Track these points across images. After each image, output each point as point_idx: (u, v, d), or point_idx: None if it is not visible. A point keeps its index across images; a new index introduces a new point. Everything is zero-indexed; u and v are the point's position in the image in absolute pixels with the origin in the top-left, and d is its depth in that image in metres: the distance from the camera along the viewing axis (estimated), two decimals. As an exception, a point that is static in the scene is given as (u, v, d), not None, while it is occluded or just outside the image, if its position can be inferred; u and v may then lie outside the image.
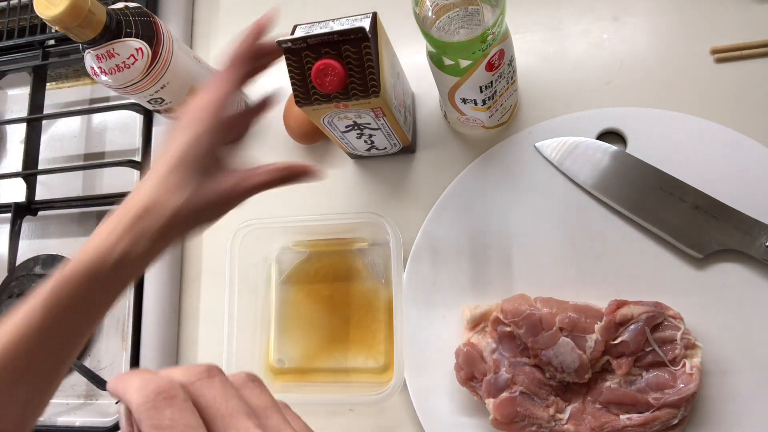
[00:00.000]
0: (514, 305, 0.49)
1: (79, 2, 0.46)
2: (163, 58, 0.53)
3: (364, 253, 0.59)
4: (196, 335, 0.63)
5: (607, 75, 0.57)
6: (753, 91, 0.53)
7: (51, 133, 0.75)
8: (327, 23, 0.47)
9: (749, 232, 0.48)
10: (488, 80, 0.47)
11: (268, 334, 0.60)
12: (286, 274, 0.61)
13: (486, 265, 0.54)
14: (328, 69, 0.44)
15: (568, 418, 0.48)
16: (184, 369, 0.25)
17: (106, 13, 0.49)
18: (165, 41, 0.53)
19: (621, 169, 0.52)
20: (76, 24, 0.46)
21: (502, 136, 0.57)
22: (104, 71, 0.51)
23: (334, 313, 0.59)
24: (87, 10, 0.46)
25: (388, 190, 0.60)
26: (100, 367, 0.66)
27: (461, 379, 0.50)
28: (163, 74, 0.53)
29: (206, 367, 0.26)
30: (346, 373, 0.58)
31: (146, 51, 0.51)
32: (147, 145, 0.67)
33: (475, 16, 0.44)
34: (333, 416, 0.57)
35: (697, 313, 0.49)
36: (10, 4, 0.76)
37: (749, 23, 0.54)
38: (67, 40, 0.72)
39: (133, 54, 0.51)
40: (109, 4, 0.51)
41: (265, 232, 0.58)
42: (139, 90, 0.54)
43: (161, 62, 0.53)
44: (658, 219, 0.51)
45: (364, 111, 0.48)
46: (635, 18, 0.58)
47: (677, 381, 0.46)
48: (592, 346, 0.47)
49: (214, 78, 0.43)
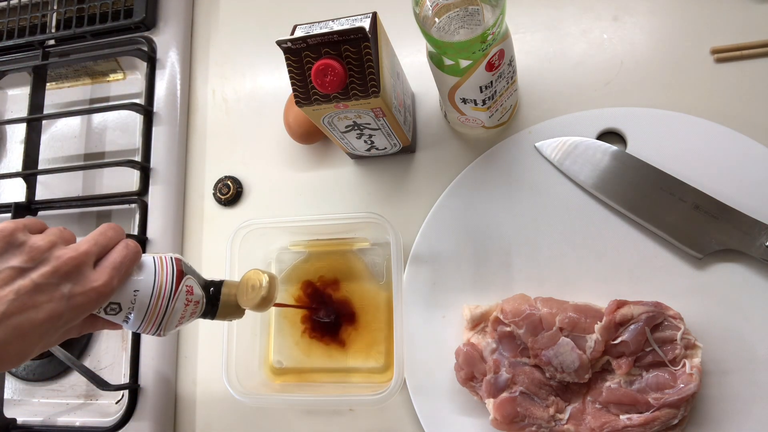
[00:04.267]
0: (514, 305, 0.49)
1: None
2: None
3: (363, 253, 0.59)
4: (195, 335, 0.63)
5: (607, 75, 0.57)
6: (753, 91, 0.53)
7: (51, 133, 0.75)
8: (327, 23, 0.47)
9: (749, 232, 0.48)
10: (488, 80, 0.47)
11: (268, 334, 0.60)
12: (286, 273, 0.61)
13: (486, 265, 0.55)
14: (328, 69, 0.44)
15: (568, 418, 0.48)
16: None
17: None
18: None
19: (621, 169, 0.52)
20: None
21: (502, 136, 0.57)
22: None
23: (334, 305, 0.59)
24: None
25: (388, 190, 0.60)
26: (100, 367, 0.66)
27: (461, 379, 0.50)
28: None
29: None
30: (346, 373, 0.58)
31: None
32: (147, 145, 0.67)
33: (475, 16, 0.44)
34: (333, 416, 0.57)
35: (697, 313, 0.49)
36: (10, 4, 0.77)
37: (749, 23, 0.54)
38: (67, 40, 0.73)
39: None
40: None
41: (264, 232, 0.58)
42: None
43: None
44: (658, 219, 0.51)
45: (364, 111, 0.48)
46: (635, 18, 0.58)
47: (677, 381, 0.46)
48: (592, 346, 0.47)
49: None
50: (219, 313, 0.47)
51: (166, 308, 0.43)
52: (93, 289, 0.38)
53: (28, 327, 0.36)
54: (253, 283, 0.47)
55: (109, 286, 0.39)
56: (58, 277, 0.37)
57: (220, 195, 0.65)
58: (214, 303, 0.47)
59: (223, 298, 0.47)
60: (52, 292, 0.37)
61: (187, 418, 0.61)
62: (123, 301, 0.41)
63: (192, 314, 0.45)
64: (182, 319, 0.44)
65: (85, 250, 0.39)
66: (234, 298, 0.47)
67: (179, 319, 0.44)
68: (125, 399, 0.61)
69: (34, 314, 0.36)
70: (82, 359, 0.66)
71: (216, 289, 0.47)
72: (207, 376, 0.62)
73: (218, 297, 0.47)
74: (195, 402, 0.61)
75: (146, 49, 0.69)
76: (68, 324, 0.39)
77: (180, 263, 0.45)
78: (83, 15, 0.73)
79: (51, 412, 0.65)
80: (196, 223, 0.66)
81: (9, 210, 0.68)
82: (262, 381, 0.58)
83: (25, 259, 0.37)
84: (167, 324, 0.43)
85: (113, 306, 0.41)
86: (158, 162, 0.66)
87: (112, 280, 0.40)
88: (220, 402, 0.60)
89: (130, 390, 0.60)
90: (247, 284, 0.47)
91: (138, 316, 0.42)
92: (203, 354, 0.62)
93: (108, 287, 0.39)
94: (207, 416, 0.61)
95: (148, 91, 0.68)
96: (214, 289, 0.47)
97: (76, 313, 0.38)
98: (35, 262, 0.37)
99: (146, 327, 0.43)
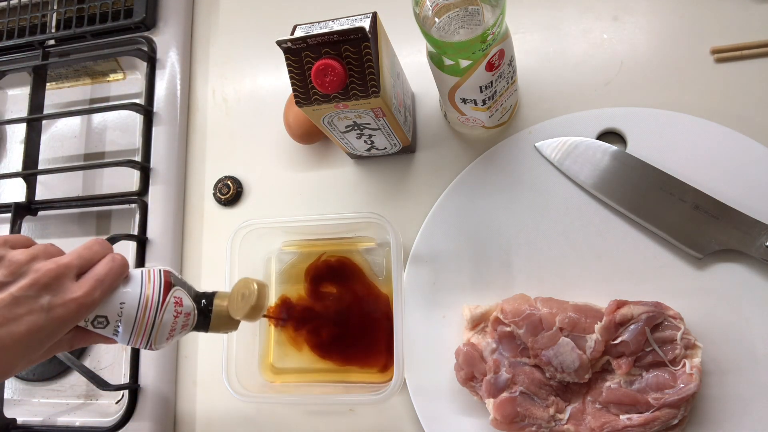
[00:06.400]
0: (514, 305, 0.49)
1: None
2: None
3: (363, 253, 0.59)
4: (195, 335, 0.63)
5: (607, 75, 0.57)
6: (753, 91, 0.53)
7: (51, 133, 0.75)
8: (327, 23, 0.47)
9: (749, 232, 0.48)
10: (488, 80, 0.47)
11: (268, 334, 0.60)
12: (286, 273, 0.61)
13: (486, 265, 0.54)
14: (328, 69, 0.44)
15: (568, 418, 0.48)
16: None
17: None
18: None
19: (621, 169, 0.52)
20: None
21: (502, 136, 0.57)
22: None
23: (333, 313, 0.59)
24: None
25: (388, 190, 0.60)
26: (100, 367, 0.66)
27: (461, 379, 0.50)
28: None
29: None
30: (346, 373, 0.58)
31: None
32: (147, 145, 0.67)
33: (475, 16, 0.44)
34: (333, 416, 0.57)
35: (697, 313, 0.49)
36: (10, 4, 0.77)
37: (749, 23, 0.54)
38: (67, 40, 0.73)
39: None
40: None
41: (264, 231, 0.58)
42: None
43: None
44: (658, 219, 0.51)
45: (364, 111, 0.48)
46: (635, 18, 0.58)
47: (677, 381, 0.46)
48: (592, 346, 0.47)
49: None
50: (212, 326, 0.46)
51: (154, 320, 0.42)
52: (72, 299, 0.38)
53: (9, 341, 0.36)
54: (243, 292, 0.47)
55: (90, 296, 0.39)
56: (36, 290, 0.37)
57: (220, 195, 0.65)
58: (206, 315, 0.46)
59: (216, 309, 0.46)
60: (31, 305, 0.37)
61: (187, 418, 0.61)
62: (110, 314, 0.41)
63: (184, 327, 0.44)
64: (173, 331, 0.44)
65: (65, 263, 0.39)
66: (226, 310, 0.46)
67: (169, 332, 0.43)
68: (125, 399, 0.61)
69: (14, 327, 0.36)
70: (82, 359, 0.66)
71: (208, 301, 0.46)
72: (207, 376, 0.62)
73: (210, 309, 0.46)
74: (195, 402, 0.61)
75: (146, 49, 0.69)
76: (52, 337, 0.38)
77: (169, 275, 0.44)
78: (83, 15, 0.73)
79: (51, 412, 0.65)
80: (196, 223, 0.66)
81: (9, 210, 0.68)
82: (262, 381, 0.58)
83: (5, 273, 0.37)
84: (157, 337, 0.43)
85: (100, 319, 0.41)
86: (158, 162, 0.66)
87: (93, 291, 0.39)
88: (220, 402, 0.60)
89: (130, 390, 0.60)
90: (238, 294, 0.47)
91: (126, 329, 0.42)
92: (203, 354, 0.62)
93: (88, 298, 0.39)
94: (207, 416, 0.61)
95: (148, 91, 0.68)
96: (206, 300, 0.46)
97: (58, 325, 0.38)
98: (14, 276, 0.37)
99: (136, 340, 0.42)
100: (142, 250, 0.64)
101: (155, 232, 0.64)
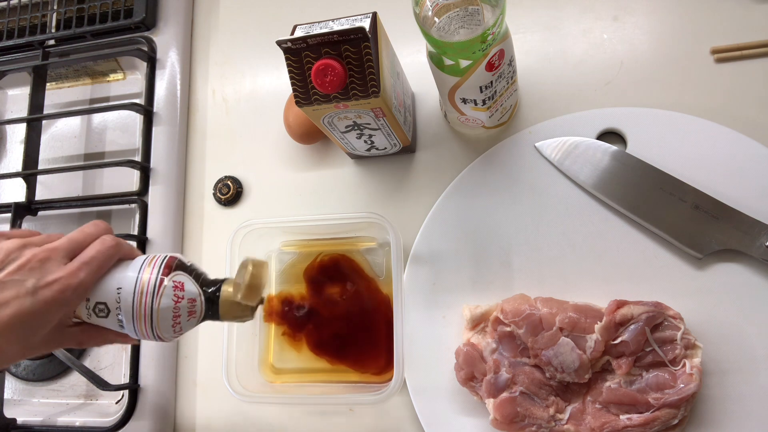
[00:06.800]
0: (514, 305, 0.49)
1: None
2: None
3: (363, 253, 0.59)
4: (196, 335, 0.63)
5: (607, 75, 0.57)
6: (753, 91, 0.53)
7: (51, 133, 0.75)
8: (327, 23, 0.47)
9: (749, 232, 0.48)
10: (488, 80, 0.47)
11: (268, 334, 0.60)
12: (286, 273, 0.61)
13: (486, 265, 0.54)
14: (328, 69, 0.44)
15: (568, 418, 0.48)
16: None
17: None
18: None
19: (621, 169, 0.52)
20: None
21: (502, 136, 0.57)
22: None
23: (334, 312, 0.59)
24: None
25: (388, 190, 0.60)
26: (100, 367, 0.66)
27: (461, 379, 0.50)
28: None
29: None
30: (346, 373, 0.58)
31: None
32: (147, 145, 0.67)
33: (475, 16, 0.44)
34: (333, 416, 0.57)
35: (697, 313, 0.49)
36: (10, 4, 0.77)
37: (749, 23, 0.54)
38: (67, 40, 0.73)
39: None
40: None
41: (264, 231, 0.57)
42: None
43: None
44: (658, 219, 0.51)
45: (364, 111, 0.48)
46: (635, 18, 0.58)
47: (677, 381, 0.46)
48: (592, 346, 0.47)
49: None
50: (222, 313, 0.45)
51: (152, 305, 0.41)
52: (56, 280, 0.38)
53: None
54: (241, 272, 0.45)
55: (75, 276, 0.39)
56: (22, 273, 0.38)
57: (220, 195, 0.65)
58: (215, 302, 0.44)
59: (223, 295, 0.44)
60: (17, 288, 0.37)
61: (187, 418, 0.61)
62: (108, 300, 0.41)
63: (191, 314, 0.43)
64: (177, 318, 0.42)
65: (53, 247, 0.39)
66: (234, 295, 0.45)
67: (173, 319, 0.42)
68: (125, 399, 0.61)
69: (1, 311, 0.37)
70: (82, 359, 0.66)
71: (216, 288, 0.45)
72: (207, 376, 0.62)
73: (218, 295, 0.44)
74: (195, 402, 0.61)
75: (146, 49, 0.69)
76: (43, 322, 0.39)
77: (174, 260, 0.43)
78: (83, 15, 0.73)
79: (51, 412, 0.65)
80: (196, 223, 0.66)
81: (9, 210, 0.68)
82: (262, 381, 0.58)
83: None
84: (160, 323, 0.42)
85: (100, 306, 0.41)
86: (158, 162, 0.66)
87: (79, 272, 0.39)
88: (220, 402, 0.60)
89: (130, 390, 0.60)
90: (239, 275, 0.45)
91: (128, 317, 0.41)
92: (203, 354, 0.62)
93: (74, 278, 0.39)
94: (207, 416, 0.61)
95: (148, 91, 0.68)
96: (215, 287, 0.45)
97: (46, 308, 0.38)
98: (3, 263, 0.38)
99: (140, 328, 0.42)
100: (143, 250, 0.64)
101: (155, 232, 0.64)
